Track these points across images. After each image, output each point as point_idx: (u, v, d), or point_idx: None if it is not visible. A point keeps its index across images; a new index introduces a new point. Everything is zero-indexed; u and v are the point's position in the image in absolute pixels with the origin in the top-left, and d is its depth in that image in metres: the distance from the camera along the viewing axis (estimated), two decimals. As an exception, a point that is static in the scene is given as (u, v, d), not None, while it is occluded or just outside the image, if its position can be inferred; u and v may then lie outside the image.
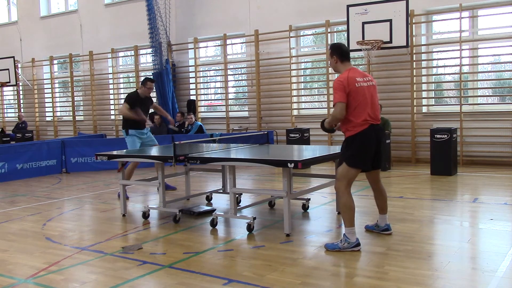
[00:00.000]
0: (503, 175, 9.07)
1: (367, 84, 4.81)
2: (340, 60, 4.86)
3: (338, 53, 4.87)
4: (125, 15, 15.56)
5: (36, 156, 10.92)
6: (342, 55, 4.87)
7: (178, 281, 4.05)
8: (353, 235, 4.69)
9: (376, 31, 10.69)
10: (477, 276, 4.03)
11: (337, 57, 4.87)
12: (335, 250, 4.67)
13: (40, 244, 5.32)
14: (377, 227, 5.26)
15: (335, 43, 5.10)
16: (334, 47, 4.93)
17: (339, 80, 4.69)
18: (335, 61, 4.88)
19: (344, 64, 4.86)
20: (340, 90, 4.63)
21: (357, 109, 4.68)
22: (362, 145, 4.72)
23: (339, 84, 4.65)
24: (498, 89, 11.28)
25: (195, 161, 5.65)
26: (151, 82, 7.99)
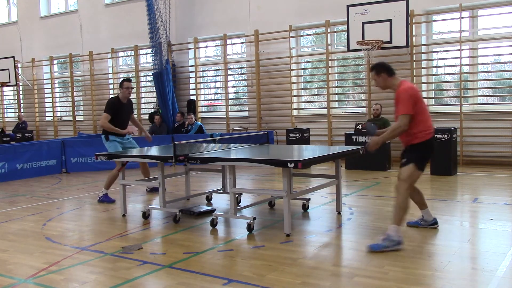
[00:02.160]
0: (503, 175, 9.07)
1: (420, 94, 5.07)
2: (389, 76, 4.97)
3: (386, 69, 4.98)
4: (125, 15, 15.56)
5: (36, 156, 10.92)
6: (389, 70, 4.98)
7: (178, 281, 4.05)
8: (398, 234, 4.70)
9: (376, 31, 10.69)
10: (477, 276, 4.03)
11: (386, 73, 4.97)
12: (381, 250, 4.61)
13: (40, 244, 5.32)
14: (424, 222, 5.35)
15: (376, 63, 5.15)
16: (379, 66, 5.02)
17: (406, 90, 4.78)
18: (384, 78, 4.97)
19: (393, 78, 4.98)
20: (408, 101, 4.73)
21: (424, 116, 4.85)
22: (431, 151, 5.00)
23: (407, 95, 4.75)
24: (498, 89, 11.28)
25: (195, 161, 5.65)
26: (128, 81, 7.59)
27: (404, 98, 4.72)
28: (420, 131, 4.84)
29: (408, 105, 4.72)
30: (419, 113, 4.81)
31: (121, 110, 7.52)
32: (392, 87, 4.99)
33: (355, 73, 13.24)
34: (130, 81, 7.69)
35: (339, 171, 6.18)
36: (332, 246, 5.02)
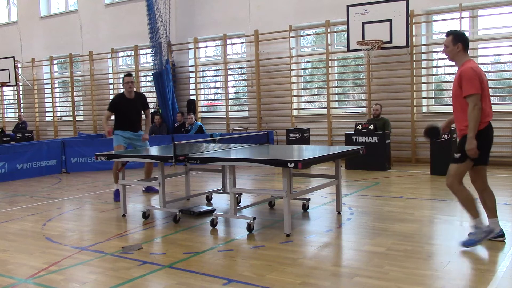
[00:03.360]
0: (503, 175, 9.07)
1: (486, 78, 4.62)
2: (463, 50, 4.62)
3: (464, 42, 4.62)
4: (125, 15, 15.56)
5: (36, 156, 10.92)
6: (467, 45, 4.63)
7: (178, 281, 4.05)
8: (483, 223, 4.59)
9: (376, 31, 10.69)
10: (477, 276, 4.03)
11: (462, 45, 4.61)
12: (474, 244, 4.56)
13: (40, 244, 5.32)
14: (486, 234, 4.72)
15: (459, 31, 4.78)
16: (461, 35, 4.65)
17: (472, 68, 4.46)
18: (458, 49, 4.61)
19: (465, 55, 4.64)
20: (475, 80, 4.40)
21: (485, 102, 4.50)
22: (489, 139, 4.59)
23: (473, 73, 4.42)
24: (498, 89, 11.28)
25: (195, 161, 5.65)
26: (127, 76, 7.68)
27: (470, 76, 4.39)
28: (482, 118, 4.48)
29: (476, 84, 4.38)
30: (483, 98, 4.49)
31: (125, 106, 7.59)
32: (459, 63, 4.65)
33: (355, 73, 13.24)
34: (130, 76, 7.72)
35: (339, 171, 6.18)
36: (332, 246, 5.02)
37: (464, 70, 4.47)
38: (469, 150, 4.49)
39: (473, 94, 4.41)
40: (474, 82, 4.40)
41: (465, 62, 4.59)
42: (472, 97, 4.41)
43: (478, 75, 4.44)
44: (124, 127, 7.70)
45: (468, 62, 4.57)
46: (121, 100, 7.67)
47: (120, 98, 7.69)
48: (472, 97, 4.41)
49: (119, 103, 7.65)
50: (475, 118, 4.42)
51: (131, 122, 7.73)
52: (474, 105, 4.41)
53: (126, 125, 7.68)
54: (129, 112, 7.68)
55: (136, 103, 7.73)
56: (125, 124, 7.68)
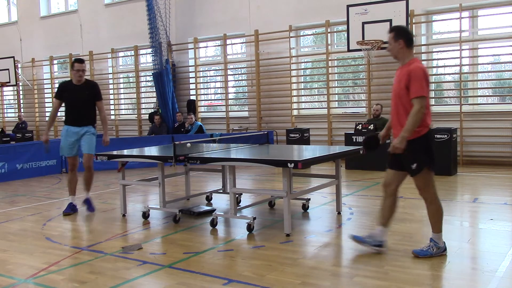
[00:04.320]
0: (503, 175, 9.07)
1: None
2: (406, 46, 4.35)
3: (406, 37, 4.36)
4: (125, 15, 15.56)
5: (36, 156, 10.92)
6: (410, 40, 4.36)
7: (178, 281, 4.05)
8: (441, 240, 4.45)
9: (376, 31, 10.68)
10: (477, 276, 4.03)
11: (404, 41, 4.34)
12: (427, 256, 4.38)
13: (40, 244, 5.32)
14: (371, 241, 4.60)
15: (401, 26, 4.55)
16: (403, 30, 4.44)
17: (422, 69, 4.22)
18: (400, 45, 4.34)
19: (409, 52, 4.38)
20: (424, 79, 4.17)
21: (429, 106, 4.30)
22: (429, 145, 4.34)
23: (423, 74, 4.19)
24: (498, 89, 11.28)
25: (195, 161, 5.65)
26: (79, 63, 6.54)
27: (419, 76, 4.16)
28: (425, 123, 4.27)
29: (425, 85, 4.16)
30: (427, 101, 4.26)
31: (71, 93, 6.59)
32: (403, 61, 4.39)
33: (355, 73, 13.24)
34: (83, 62, 6.63)
35: (339, 171, 6.18)
36: (332, 246, 5.02)
37: (414, 70, 4.21)
38: (395, 147, 4.26)
39: (422, 96, 4.16)
40: (424, 83, 4.18)
41: (411, 61, 4.32)
42: (421, 99, 4.15)
43: (427, 77, 4.23)
44: (69, 120, 6.71)
45: (415, 61, 4.31)
46: (69, 86, 6.65)
47: (68, 84, 6.70)
48: (420, 99, 4.15)
49: (68, 89, 6.63)
50: (417, 121, 4.18)
51: (81, 114, 6.64)
52: (420, 108, 4.15)
53: (71, 119, 6.67)
54: (78, 101, 6.60)
55: (85, 90, 6.62)
56: (70, 117, 6.68)
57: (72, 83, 6.67)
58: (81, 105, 6.63)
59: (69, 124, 6.69)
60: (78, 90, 6.61)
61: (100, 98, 6.79)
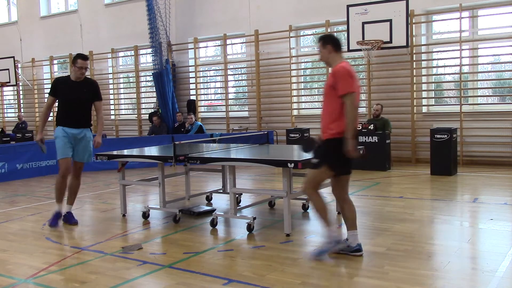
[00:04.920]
0: (503, 175, 9.07)
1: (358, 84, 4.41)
2: (334, 50, 4.42)
3: (333, 42, 4.43)
4: (125, 15, 15.56)
5: (36, 156, 10.91)
6: (337, 45, 4.44)
7: (178, 281, 4.05)
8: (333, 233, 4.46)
9: (376, 31, 10.69)
10: (477, 276, 4.03)
11: (332, 46, 4.41)
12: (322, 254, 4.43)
13: (40, 244, 5.32)
14: (347, 248, 4.49)
15: (327, 34, 4.55)
16: (328, 37, 4.56)
17: (344, 67, 4.27)
18: (329, 51, 4.42)
19: (338, 56, 4.44)
20: (349, 77, 4.20)
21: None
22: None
23: (346, 71, 4.23)
24: (498, 89, 11.28)
25: (195, 161, 5.65)
26: (83, 60, 5.89)
27: (343, 74, 4.21)
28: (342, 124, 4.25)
29: (351, 82, 4.18)
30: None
31: (70, 90, 5.93)
32: (333, 65, 4.42)
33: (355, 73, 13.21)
34: (87, 59, 6.00)
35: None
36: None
37: (336, 69, 4.28)
38: (348, 152, 4.29)
39: (350, 92, 4.18)
40: (348, 80, 4.20)
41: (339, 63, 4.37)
42: (349, 95, 4.18)
43: (352, 75, 4.26)
44: (65, 121, 5.97)
45: (341, 63, 4.36)
46: (66, 83, 5.98)
47: (65, 81, 6.02)
48: (349, 96, 4.18)
49: (65, 86, 5.96)
50: (353, 117, 4.19)
51: (76, 115, 5.98)
52: (351, 103, 4.17)
53: (69, 120, 5.95)
54: (76, 100, 5.95)
55: (84, 89, 5.99)
56: (67, 118, 5.96)
57: (70, 80, 5.98)
58: (79, 104, 5.98)
59: (65, 125, 5.94)
60: (77, 87, 5.94)
61: (100, 98, 6.19)
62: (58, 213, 6.04)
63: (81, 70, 5.89)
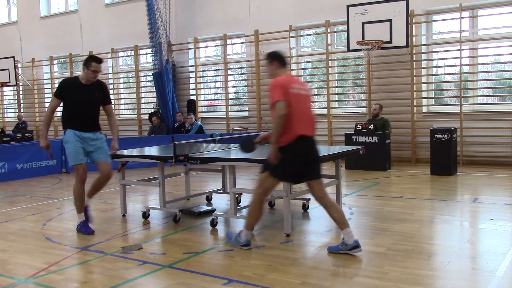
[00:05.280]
0: (503, 175, 9.07)
1: (304, 92, 4.64)
2: (280, 66, 4.72)
3: (278, 58, 4.74)
4: (125, 15, 15.56)
5: (36, 156, 10.92)
6: (281, 60, 4.74)
7: (178, 281, 4.05)
8: (247, 237, 4.80)
9: (376, 31, 10.69)
10: (477, 276, 4.03)
11: (277, 62, 4.72)
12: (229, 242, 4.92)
13: (40, 244, 5.32)
14: (344, 246, 4.54)
15: (272, 51, 4.89)
16: (272, 54, 4.81)
17: (276, 79, 4.56)
18: (275, 67, 4.72)
19: (283, 70, 4.73)
20: (278, 88, 4.45)
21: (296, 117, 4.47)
22: (290, 156, 4.50)
23: (276, 82, 4.50)
24: (498, 89, 11.29)
25: (195, 161, 5.65)
26: (97, 63, 5.54)
27: (273, 86, 4.48)
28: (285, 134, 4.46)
29: (279, 92, 4.41)
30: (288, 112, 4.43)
31: (80, 93, 5.59)
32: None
33: (355, 73, 13.24)
34: (101, 62, 5.65)
35: (339, 171, 6.19)
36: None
37: (271, 82, 4.56)
38: (269, 156, 4.53)
39: (277, 100, 4.39)
40: (277, 90, 4.43)
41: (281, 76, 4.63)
42: (277, 103, 4.38)
43: (281, 85, 4.45)
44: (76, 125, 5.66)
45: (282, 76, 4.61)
46: (75, 84, 5.63)
47: (73, 82, 5.67)
48: (277, 104, 4.38)
49: (74, 88, 5.61)
50: (277, 124, 4.39)
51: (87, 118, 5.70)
52: (278, 111, 4.37)
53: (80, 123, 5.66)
54: (87, 103, 5.65)
55: (95, 91, 5.69)
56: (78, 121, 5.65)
57: (79, 81, 5.63)
58: (90, 107, 5.69)
59: (77, 129, 5.64)
60: (87, 90, 5.62)
61: (110, 101, 5.92)
62: (84, 221, 5.74)
63: (95, 74, 5.59)
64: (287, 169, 4.57)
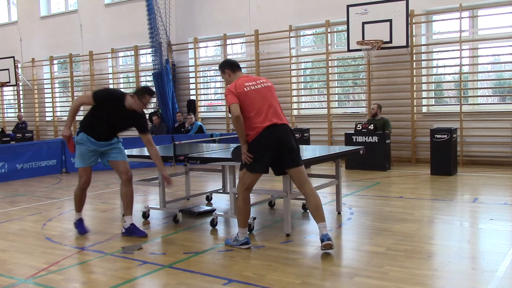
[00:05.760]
0: (503, 175, 9.07)
1: (260, 86, 4.81)
2: (233, 72, 4.93)
3: (229, 66, 4.96)
4: (125, 15, 15.56)
5: (36, 156, 10.92)
6: (232, 66, 4.96)
7: (178, 281, 4.05)
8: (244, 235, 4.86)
9: (376, 31, 10.69)
10: (477, 276, 4.03)
11: (229, 69, 4.94)
12: (228, 245, 4.91)
13: (40, 244, 5.32)
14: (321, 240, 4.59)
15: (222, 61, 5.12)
16: (223, 63, 5.03)
17: (227, 88, 4.80)
18: (229, 74, 4.94)
19: (236, 75, 4.92)
20: (228, 94, 4.70)
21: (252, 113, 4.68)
22: (257, 149, 4.67)
23: (228, 89, 4.76)
24: (498, 89, 11.28)
25: (195, 161, 5.66)
26: (151, 96, 5.36)
27: (226, 95, 4.74)
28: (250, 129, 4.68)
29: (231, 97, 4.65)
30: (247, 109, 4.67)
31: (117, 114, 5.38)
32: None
33: (355, 73, 13.24)
34: (153, 95, 5.43)
35: (339, 171, 6.18)
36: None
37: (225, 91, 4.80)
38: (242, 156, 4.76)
39: (230, 104, 4.64)
40: (228, 95, 4.68)
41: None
42: (231, 107, 4.63)
43: (231, 90, 4.69)
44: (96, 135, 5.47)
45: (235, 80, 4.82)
46: (117, 102, 5.36)
47: (117, 100, 5.37)
48: (230, 108, 4.63)
49: (112, 104, 5.37)
50: (235, 125, 4.67)
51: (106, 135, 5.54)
52: (232, 114, 4.64)
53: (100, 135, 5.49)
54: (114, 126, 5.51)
55: (131, 119, 5.47)
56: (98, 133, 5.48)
57: (122, 102, 5.34)
58: (116, 128, 5.55)
59: (95, 138, 5.45)
60: (123, 115, 5.39)
61: (145, 130, 5.53)
62: (80, 219, 5.71)
63: (145, 106, 5.40)
64: (257, 161, 4.69)
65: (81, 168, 5.51)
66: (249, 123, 4.68)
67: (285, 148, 4.77)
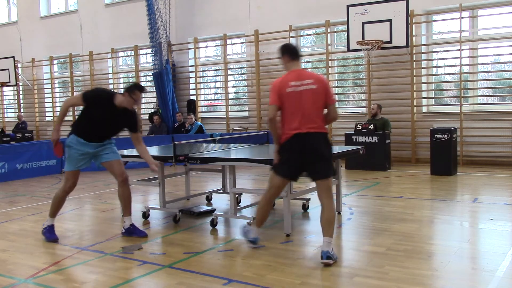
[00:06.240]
0: (503, 175, 9.07)
1: (304, 88, 4.50)
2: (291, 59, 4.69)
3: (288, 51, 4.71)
4: (125, 15, 15.56)
5: (36, 156, 10.92)
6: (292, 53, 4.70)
7: (178, 281, 4.05)
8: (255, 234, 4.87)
9: (376, 31, 10.69)
10: (477, 276, 4.03)
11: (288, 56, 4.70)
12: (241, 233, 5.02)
13: (40, 244, 5.32)
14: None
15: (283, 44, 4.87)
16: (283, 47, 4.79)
17: (275, 81, 4.64)
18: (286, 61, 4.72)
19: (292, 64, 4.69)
20: (273, 92, 4.55)
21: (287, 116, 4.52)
22: (283, 152, 4.57)
23: (273, 86, 4.59)
24: (498, 89, 11.28)
25: (195, 161, 5.65)
26: (141, 92, 5.25)
27: (270, 89, 4.58)
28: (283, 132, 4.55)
29: (272, 96, 4.51)
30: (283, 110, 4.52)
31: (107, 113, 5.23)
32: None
33: (355, 73, 13.24)
34: (143, 91, 5.31)
35: (339, 171, 6.18)
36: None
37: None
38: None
39: (269, 105, 4.54)
40: (272, 93, 4.54)
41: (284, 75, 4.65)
42: (269, 107, 4.55)
43: (276, 88, 4.52)
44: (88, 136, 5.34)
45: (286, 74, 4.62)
46: (106, 101, 5.23)
47: (107, 99, 5.23)
48: (269, 108, 4.55)
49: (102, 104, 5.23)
50: (269, 127, 4.61)
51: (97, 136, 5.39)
52: (268, 115, 4.55)
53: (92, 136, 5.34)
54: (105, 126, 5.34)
55: (122, 117, 5.32)
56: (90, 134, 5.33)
57: (112, 101, 5.22)
58: (110, 130, 5.42)
59: (86, 139, 5.34)
60: (115, 114, 5.26)
61: (136, 129, 5.44)
62: (51, 225, 5.51)
63: (136, 103, 5.29)
64: (282, 164, 4.63)
65: (69, 172, 5.40)
66: (284, 125, 4.56)
67: (312, 157, 4.53)
